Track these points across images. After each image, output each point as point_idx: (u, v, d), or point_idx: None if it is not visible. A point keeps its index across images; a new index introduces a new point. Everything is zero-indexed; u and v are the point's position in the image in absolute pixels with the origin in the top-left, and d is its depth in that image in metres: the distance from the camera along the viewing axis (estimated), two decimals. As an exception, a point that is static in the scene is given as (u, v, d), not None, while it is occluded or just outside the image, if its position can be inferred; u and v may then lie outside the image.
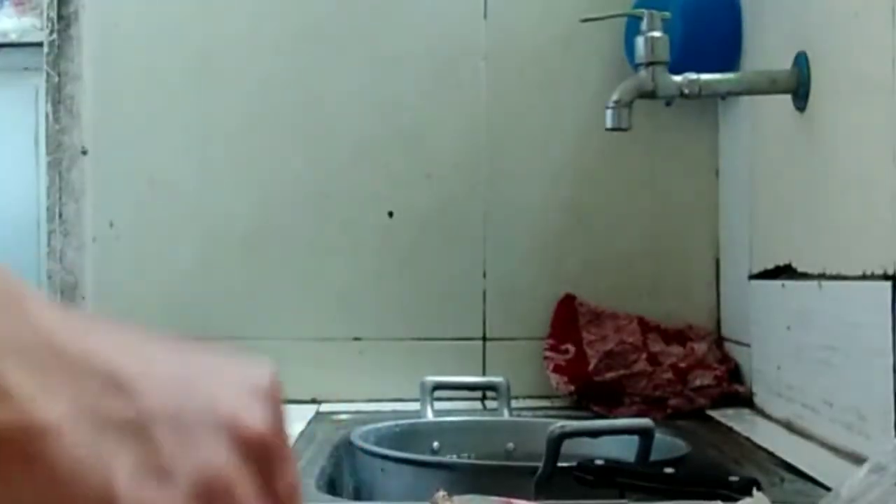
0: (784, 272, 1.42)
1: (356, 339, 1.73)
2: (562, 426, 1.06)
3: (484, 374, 1.71)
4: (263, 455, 0.39)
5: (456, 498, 0.84)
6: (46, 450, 0.35)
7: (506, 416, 1.44)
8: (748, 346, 1.58)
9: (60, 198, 1.73)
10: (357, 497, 1.25)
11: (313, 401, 1.67)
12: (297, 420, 1.41)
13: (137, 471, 0.36)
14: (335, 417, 1.56)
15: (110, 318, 0.41)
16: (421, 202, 1.74)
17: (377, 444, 1.24)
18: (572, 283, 1.72)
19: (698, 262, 1.75)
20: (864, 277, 1.15)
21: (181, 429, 0.37)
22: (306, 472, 1.16)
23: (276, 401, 0.40)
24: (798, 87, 1.34)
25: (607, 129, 1.38)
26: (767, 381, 1.49)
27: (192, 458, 0.37)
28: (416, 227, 1.74)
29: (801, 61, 1.34)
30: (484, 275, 1.73)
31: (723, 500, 0.91)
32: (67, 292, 1.73)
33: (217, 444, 0.37)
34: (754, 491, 0.89)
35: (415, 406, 1.45)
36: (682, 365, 1.61)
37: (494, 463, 1.26)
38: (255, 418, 0.39)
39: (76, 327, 0.38)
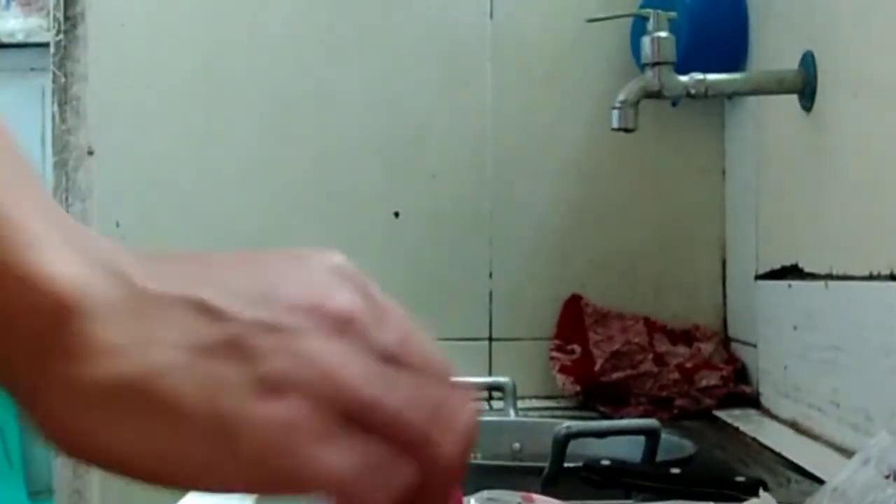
0: (790, 272, 1.42)
1: (362, 339, 1.73)
2: (568, 426, 1.06)
3: (490, 374, 1.70)
4: (361, 325, 0.39)
5: (474, 495, 0.84)
6: (165, 392, 0.36)
7: (512, 416, 1.44)
8: (755, 346, 1.58)
9: (67, 198, 1.73)
10: (363, 497, 1.25)
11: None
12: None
13: (249, 388, 0.36)
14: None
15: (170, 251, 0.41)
16: (427, 202, 1.74)
17: (383, 444, 1.23)
18: (578, 284, 1.72)
19: (704, 262, 1.75)
20: (870, 278, 1.15)
21: (278, 330, 0.38)
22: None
23: (353, 273, 0.42)
24: (805, 86, 1.34)
25: (613, 130, 1.38)
26: (774, 382, 1.49)
27: (296, 355, 0.37)
28: (422, 228, 1.74)
29: (808, 61, 1.33)
30: (490, 275, 1.73)
31: (729, 500, 0.91)
32: (74, 292, 1.72)
33: (315, 331, 0.38)
34: (761, 491, 0.89)
35: (421, 406, 1.45)
36: (689, 365, 1.61)
37: (500, 463, 1.25)
38: (342, 296, 0.40)
39: (148, 267, 0.38)
